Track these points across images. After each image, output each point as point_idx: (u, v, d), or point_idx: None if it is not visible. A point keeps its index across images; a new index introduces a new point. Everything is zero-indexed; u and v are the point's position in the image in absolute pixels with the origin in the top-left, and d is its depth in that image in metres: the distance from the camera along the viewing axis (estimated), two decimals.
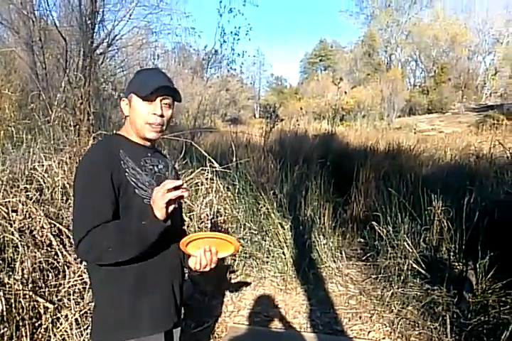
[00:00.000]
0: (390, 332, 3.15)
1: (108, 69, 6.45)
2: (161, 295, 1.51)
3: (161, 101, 1.49)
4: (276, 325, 3.28)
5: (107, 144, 1.51)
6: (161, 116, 1.49)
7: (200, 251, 1.45)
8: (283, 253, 4.10)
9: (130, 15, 6.30)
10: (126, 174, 1.41)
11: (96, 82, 4.92)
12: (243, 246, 4.14)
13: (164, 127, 1.54)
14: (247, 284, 3.89)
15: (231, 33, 8.05)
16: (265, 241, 4.23)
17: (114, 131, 1.58)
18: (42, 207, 2.82)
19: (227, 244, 1.49)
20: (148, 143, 1.57)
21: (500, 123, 18.86)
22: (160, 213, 1.29)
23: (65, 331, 2.44)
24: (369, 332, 3.19)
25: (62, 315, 2.48)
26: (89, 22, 5.13)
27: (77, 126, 3.52)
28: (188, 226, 3.90)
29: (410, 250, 4.02)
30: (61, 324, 2.46)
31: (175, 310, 1.56)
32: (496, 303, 3.24)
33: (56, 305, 2.51)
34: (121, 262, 1.36)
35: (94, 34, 5.41)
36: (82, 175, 1.40)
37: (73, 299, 2.54)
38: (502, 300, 3.28)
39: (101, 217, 1.33)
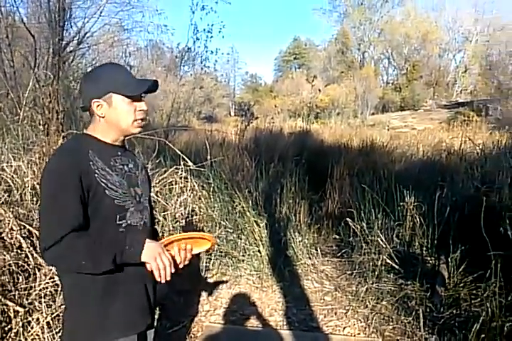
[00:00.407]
0: (365, 328, 3.19)
1: (79, 67, 6.33)
2: (134, 297, 1.49)
3: (142, 97, 1.52)
4: (253, 323, 3.28)
5: (75, 144, 1.47)
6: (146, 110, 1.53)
7: (175, 250, 1.46)
8: (259, 251, 4.10)
9: (101, 13, 6.18)
10: (96, 175, 1.38)
11: (66, 81, 4.82)
12: (219, 245, 4.12)
13: None
14: (222, 283, 3.88)
15: (204, 30, 8.04)
16: (241, 239, 4.22)
17: (84, 131, 1.54)
18: (11, 209, 2.75)
19: (203, 241, 1.53)
20: (118, 143, 1.54)
21: (471, 119, 19.32)
22: (146, 260, 1.36)
23: (37, 335, 2.39)
24: (344, 327, 3.22)
25: (33, 319, 2.43)
26: (58, 19, 5.01)
27: (46, 126, 3.43)
28: (162, 226, 3.87)
29: (384, 245, 4.06)
30: (32, 328, 2.41)
31: (148, 312, 1.55)
32: (468, 296, 3.30)
33: (27, 309, 2.45)
34: None
35: (64, 31, 5.29)
36: (49, 178, 1.35)
37: (44, 302, 2.49)
38: (473, 293, 3.34)
39: (72, 223, 1.31)
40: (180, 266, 1.49)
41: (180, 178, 4.31)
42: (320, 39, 71.80)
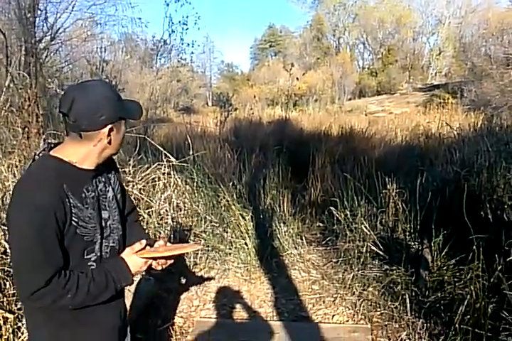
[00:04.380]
0: (353, 315, 3.25)
1: (53, 64, 6.20)
2: (104, 326, 1.49)
3: None
4: (243, 316, 3.31)
5: (47, 175, 1.31)
6: None
7: (153, 263, 1.51)
8: (245, 243, 4.12)
9: (73, 8, 6.05)
10: (70, 214, 1.30)
11: (41, 78, 4.72)
12: (205, 240, 4.13)
13: None
14: (211, 277, 3.89)
15: (179, 22, 7.94)
16: (227, 232, 4.23)
17: (53, 153, 1.37)
18: None
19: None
20: (95, 167, 1.41)
21: (446, 101, 19.55)
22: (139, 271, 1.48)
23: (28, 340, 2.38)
24: (333, 315, 3.27)
25: (23, 324, 2.41)
26: (29, 15, 4.90)
27: (26, 129, 3.36)
28: (147, 223, 3.86)
29: (368, 232, 4.12)
30: (22, 333, 2.40)
31: (123, 328, 1.58)
32: (451, 279, 3.37)
33: (16, 314, 2.43)
34: None
35: (36, 28, 5.18)
36: (24, 216, 1.23)
37: None
38: (456, 275, 3.42)
39: (55, 264, 1.28)
40: (162, 267, 1.55)
41: (163, 174, 4.29)
42: (295, 26, 71.15)
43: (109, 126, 1.33)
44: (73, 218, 1.30)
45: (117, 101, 1.36)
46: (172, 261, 1.53)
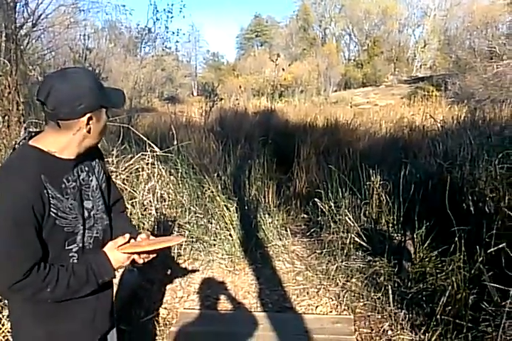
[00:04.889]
0: (337, 305, 3.27)
1: (35, 51, 6.07)
2: (90, 317, 1.48)
3: None
4: (227, 307, 3.32)
5: (25, 166, 1.27)
6: None
7: (135, 257, 1.47)
8: (230, 234, 4.11)
9: None
10: (48, 206, 1.26)
11: (22, 66, 4.61)
12: (190, 231, 4.11)
13: None
14: (195, 268, 3.88)
15: (164, 10, 7.85)
16: (211, 224, 4.22)
17: (31, 142, 1.32)
18: None
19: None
20: (75, 156, 1.37)
21: (430, 94, 19.71)
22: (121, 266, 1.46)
23: (8, 331, 2.35)
24: (317, 306, 3.29)
25: (3, 316, 2.38)
26: (9, 0, 4.78)
27: (6, 117, 3.28)
28: (131, 214, 3.83)
29: (352, 224, 4.15)
30: (3, 325, 2.37)
31: (108, 320, 1.57)
32: (433, 271, 3.43)
33: None
34: None
35: (17, 13, 5.05)
36: (2, 209, 1.21)
37: None
38: (438, 267, 3.47)
39: (33, 257, 1.25)
40: (143, 260, 1.51)
41: (147, 164, 4.25)
42: (281, 16, 70.87)
43: (88, 115, 1.29)
44: (52, 209, 1.27)
45: (97, 89, 1.31)
46: (155, 255, 1.50)
